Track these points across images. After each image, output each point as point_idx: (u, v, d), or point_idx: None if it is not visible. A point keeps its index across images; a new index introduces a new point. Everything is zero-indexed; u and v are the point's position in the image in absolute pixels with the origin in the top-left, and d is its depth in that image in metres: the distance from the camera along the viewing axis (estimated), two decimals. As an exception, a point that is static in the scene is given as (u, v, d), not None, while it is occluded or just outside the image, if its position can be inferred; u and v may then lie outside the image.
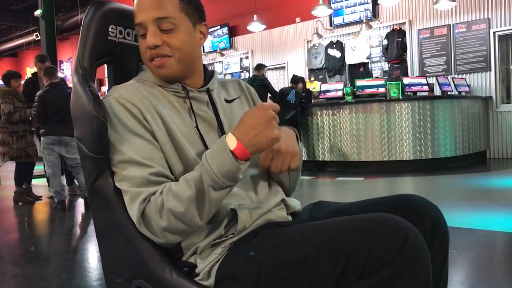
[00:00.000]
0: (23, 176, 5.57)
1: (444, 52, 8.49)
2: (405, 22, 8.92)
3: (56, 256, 3.38)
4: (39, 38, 11.98)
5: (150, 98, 1.09)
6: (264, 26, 10.07)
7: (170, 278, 1.01)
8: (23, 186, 5.56)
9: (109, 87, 1.21)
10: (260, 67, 7.91)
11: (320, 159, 7.62)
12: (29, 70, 19.81)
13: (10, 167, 5.48)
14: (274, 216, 1.12)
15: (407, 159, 6.93)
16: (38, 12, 9.75)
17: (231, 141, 0.95)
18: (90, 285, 2.56)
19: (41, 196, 5.67)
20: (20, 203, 5.45)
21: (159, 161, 1.04)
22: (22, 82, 5.91)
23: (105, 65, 1.26)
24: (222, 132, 1.15)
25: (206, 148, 1.09)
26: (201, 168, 0.97)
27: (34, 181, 5.76)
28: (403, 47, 8.91)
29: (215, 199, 0.97)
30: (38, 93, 5.08)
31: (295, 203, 1.25)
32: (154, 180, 1.02)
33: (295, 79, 7.83)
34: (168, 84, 1.13)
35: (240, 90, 1.30)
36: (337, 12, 9.73)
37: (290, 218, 1.18)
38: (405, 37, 8.89)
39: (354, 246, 0.89)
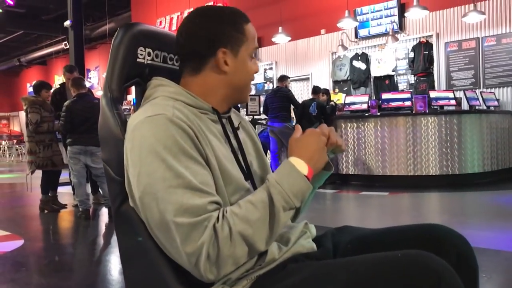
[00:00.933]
0: (49, 184, 5.65)
1: (472, 66, 8.34)
2: (432, 35, 8.80)
3: (80, 267, 3.41)
4: (68, 47, 12.25)
5: (197, 120, 1.05)
6: (289, 38, 10.08)
7: None
8: (49, 194, 5.65)
9: (137, 109, 1.20)
10: (283, 78, 7.85)
11: (344, 172, 7.54)
12: (57, 78, 20.26)
13: (39, 174, 5.56)
14: (301, 248, 1.10)
15: (433, 174, 6.80)
16: (67, 23, 9.98)
17: (300, 164, 1.02)
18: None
19: (66, 204, 5.75)
20: (46, 211, 5.53)
21: (213, 188, 1.00)
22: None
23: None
24: (243, 156, 1.15)
25: (243, 171, 1.10)
26: (268, 189, 0.98)
27: (59, 189, 5.84)
28: (429, 60, 8.79)
29: (283, 222, 0.98)
30: (65, 103, 5.17)
31: (313, 229, 1.24)
32: (212, 210, 0.96)
33: (316, 90, 7.80)
34: (202, 105, 1.11)
35: (238, 117, 1.28)
36: (363, 24, 9.68)
37: (315, 247, 1.16)
38: (432, 50, 8.77)
39: (383, 285, 0.85)
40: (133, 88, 1.31)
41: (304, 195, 0.99)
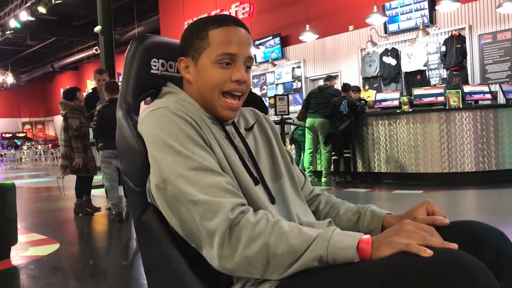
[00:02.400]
0: (83, 188, 5.75)
1: (508, 58, 8.06)
2: (464, 28, 8.56)
3: (114, 271, 3.44)
4: (99, 52, 12.48)
5: (201, 116, 1.07)
6: (317, 36, 9.98)
7: None
8: (83, 198, 5.75)
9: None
10: (330, 78, 8.12)
11: (376, 171, 7.41)
12: (89, 83, 20.70)
13: (73, 177, 5.67)
14: None
15: (469, 171, 6.61)
16: (97, 28, 10.15)
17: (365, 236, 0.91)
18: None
19: (100, 208, 5.84)
20: (80, 215, 5.63)
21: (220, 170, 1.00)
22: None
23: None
24: (253, 161, 1.13)
25: (252, 176, 1.07)
26: (320, 234, 0.91)
27: (93, 192, 5.95)
28: (462, 54, 8.55)
29: (305, 264, 0.90)
30: (97, 108, 5.25)
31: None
32: (230, 190, 0.96)
33: (346, 87, 7.71)
34: (205, 113, 1.11)
35: (255, 116, 1.27)
36: (392, 19, 9.49)
37: None
38: (465, 43, 8.52)
39: None
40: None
41: (336, 260, 0.89)
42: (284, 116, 7.48)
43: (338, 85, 10.18)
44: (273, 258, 0.90)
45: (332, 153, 7.57)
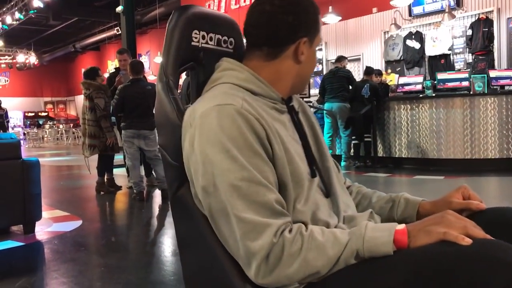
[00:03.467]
0: (105, 167, 5.83)
1: (537, 42, 7.85)
2: (492, 11, 8.34)
3: (135, 248, 3.50)
4: (120, 32, 12.52)
5: (266, 111, 1.01)
6: (339, 18, 9.84)
7: None
8: (106, 177, 5.83)
9: (192, 94, 1.18)
10: (341, 58, 7.74)
11: (396, 156, 7.34)
12: (110, 63, 20.82)
13: (94, 157, 5.75)
14: None
15: (492, 157, 6.50)
16: (119, 8, 10.17)
17: (400, 226, 0.89)
18: (168, 280, 2.61)
19: (121, 186, 5.92)
20: (102, 193, 5.72)
21: (276, 187, 0.95)
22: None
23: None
24: (308, 150, 1.08)
25: (310, 163, 1.04)
26: (352, 233, 0.90)
27: (115, 171, 6.02)
28: (489, 37, 8.35)
29: (343, 265, 0.90)
30: (119, 87, 5.28)
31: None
32: (278, 210, 0.91)
33: (369, 71, 7.58)
34: (272, 95, 1.06)
35: (298, 101, 1.21)
36: (417, 2, 9.30)
37: None
38: (492, 26, 8.32)
39: (445, 282, 0.77)
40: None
41: (373, 253, 0.88)
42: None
43: (360, 69, 10.07)
44: (313, 270, 0.89)
45: (353, 137, 7.51)
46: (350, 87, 7.48)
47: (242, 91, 1.01)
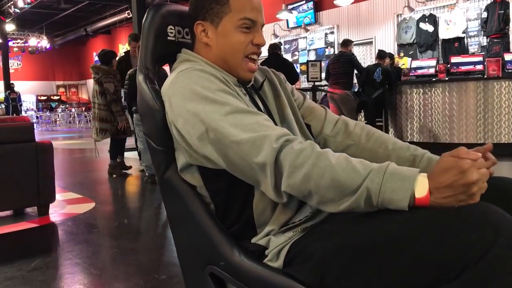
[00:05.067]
0: (117, 150, 5.88)
1: (554, 25, 7.70)
2: (508, -8, 8.18)
3: (148, 230, 3.54)
4: (131, 15, 12.49)
5: (225, 77, 1.11)
6: (352, 0, 9.71)
7: (240, 261, 1.02)
8: (118, 160, 5.88)
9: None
10: (347, 42, 7.53)
11: (408, 140, 7.29)
12: (121, 47, 20.83)
13: (105, 141, 5.80)
14: None
15: (506, 142, 6.43)
16: (130, -9, 10.13)
17: (422, 186, 0.83)
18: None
19: (131, 166, 5.96)
20: (114, 176, 5.77)
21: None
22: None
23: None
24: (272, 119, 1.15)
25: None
26: (371, 173, 0.85)
27: (126, 154, 6.07)
28: (505, 20, 8.20)
29: (356, 202, 0.86)
30: (129, 72, 5.28)
31: None
32: (271, 125, 0.97)
33: (381, 55, 7.49)
34: (225, 77, 1.12)
35: (263, 73, 1.28)
36: (431, -17, 9.14)
37: None
38: (508, 8, 8.16)
39: (430, 243, 0.77)
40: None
41: (388, 205, 0.84)
42: (316, 83, 7.38)
43: (373, 52, 9.97)
44: (316, 190, 0.88)
45: (364, 122, 7.47)
46: (356, 72, 7.41)
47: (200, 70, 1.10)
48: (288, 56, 11.62)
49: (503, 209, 0.80)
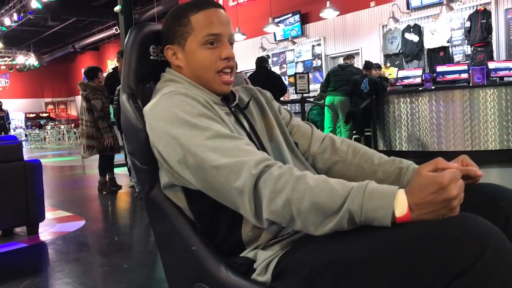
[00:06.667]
0: (106, 167, 5.85)
1: (535, 33, 7.85)
2: (490, 2, 8.33)
3: (138, 247, 3.53)
4: (119, 31, 12.53)
5: (210, 99, 1.12)
6: (337, 12, 9.83)
7: (227, 277, 1.03)
8: (108, 176, 5.85)
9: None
10: (350, 56, 8.09)
11: (397, 149, 7.35)
12: (110, 63, 20.83)
13: (94, 157, 5.77)
14: None
15: (493, 149, 6.51)
16: (117, 8, 10.19)
17: (402, 204, 0.82)
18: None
19: (121, 186, 5.93)
20: (104, 192, 5.74)
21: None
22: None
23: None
24: (258, 141, 1.16)
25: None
26: (351, 193, 0.85)
27: (115, 170, 6.04)
28: (488, 29, 8.34)
29: (339, 223, 0.86)
30: (118, 87, 5.29)
31: None
32: (251, 150, 0.97)
33: (368, 65, 7.60)
34: (212, 98, 1.14)
35: (249, 93, 1.28)
36: (415, -6, 9.28)
37: None
38: (490, 18, 8.31)
39: (417, 256, 0.78)
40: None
41: (372, 223, 0.84)
42: (304, 95, 7.43)
43: (359, 63, 10.07)
44: (298, 214, 0.88)
45: (353, 132, 7.53)
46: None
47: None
48: (276, 69, 11.69)
49: (489, 216, 0.82)
